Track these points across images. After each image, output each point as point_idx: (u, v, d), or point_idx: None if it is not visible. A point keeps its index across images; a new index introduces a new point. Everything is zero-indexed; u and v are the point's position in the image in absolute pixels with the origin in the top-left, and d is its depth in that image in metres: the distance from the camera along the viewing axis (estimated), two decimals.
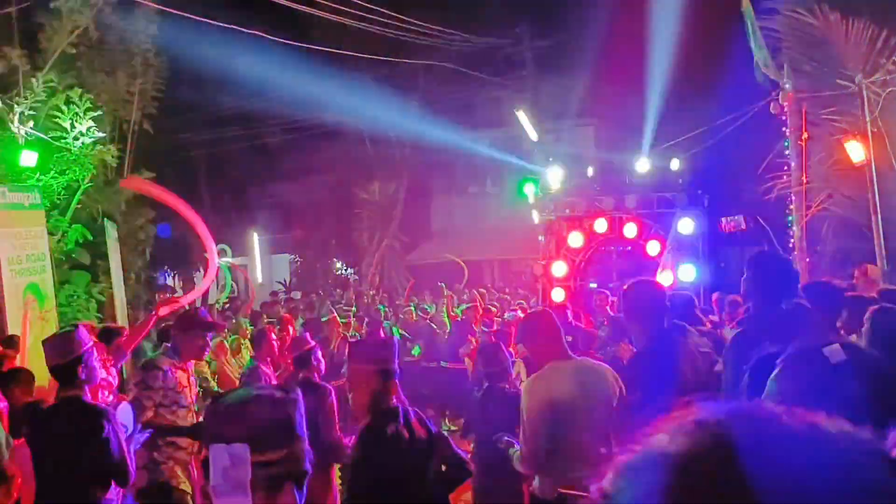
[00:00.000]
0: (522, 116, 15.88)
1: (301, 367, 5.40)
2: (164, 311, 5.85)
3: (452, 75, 18.90)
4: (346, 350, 3.57)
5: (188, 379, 4.95)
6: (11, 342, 7.10)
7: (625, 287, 4.05)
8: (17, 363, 6.53)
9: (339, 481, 5.34)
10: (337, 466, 5.33)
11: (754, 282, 3.71)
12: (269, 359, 6.65)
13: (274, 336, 7.06)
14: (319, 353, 5.59)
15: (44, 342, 4.08)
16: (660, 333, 3.61)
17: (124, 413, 4.48)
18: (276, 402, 1.60)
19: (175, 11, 10.75)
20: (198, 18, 10.40)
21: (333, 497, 5.24)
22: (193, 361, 5.19)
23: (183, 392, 4.81)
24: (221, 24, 10.55)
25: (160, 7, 11.70)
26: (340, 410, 5.17)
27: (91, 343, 4.04)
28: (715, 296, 9.66)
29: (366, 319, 11.47)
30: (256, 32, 10.78)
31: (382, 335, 9.49)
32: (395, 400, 3.25)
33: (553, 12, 18.47)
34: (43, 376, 5.07)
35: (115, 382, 5.65)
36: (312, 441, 1.67)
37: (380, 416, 3.19)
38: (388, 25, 13.21)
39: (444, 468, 3.38)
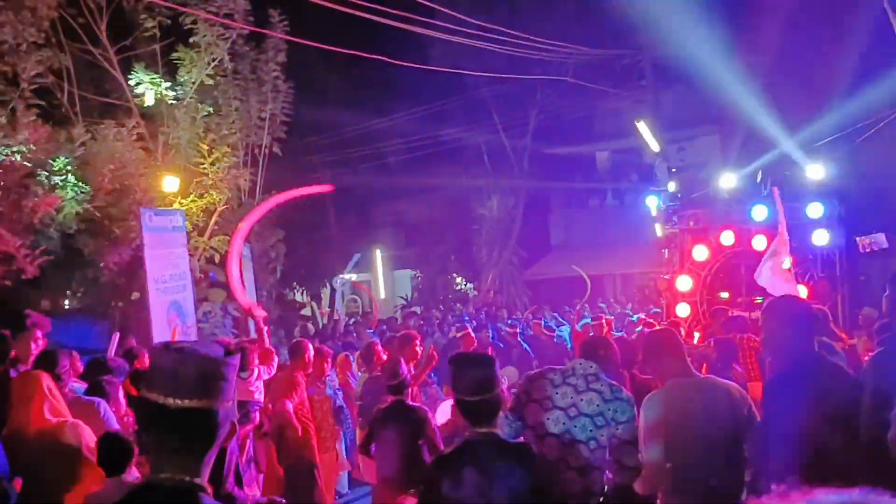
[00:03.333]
0: (643, 127, 15.52)
1: (395, 393, 5.30)
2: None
3: (570, 88, 18.76)
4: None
5: None
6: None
7: (765, 304, 3.80)
8: None
9: None
10: None
11: None
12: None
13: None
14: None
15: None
16: (806, 355, 3.32)
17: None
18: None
19: (301, 41, 11.26)
20: (322, 46, 10.83)
21: None
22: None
23: None
24: (344, 51, 10.94)
25: (287, 38, 12.30)
26: None
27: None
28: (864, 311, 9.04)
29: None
30: (377, 57, 11.11)
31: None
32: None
33: (672, 20, 18.01)
34: None
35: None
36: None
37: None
38: (505, 42, 13.28)
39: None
